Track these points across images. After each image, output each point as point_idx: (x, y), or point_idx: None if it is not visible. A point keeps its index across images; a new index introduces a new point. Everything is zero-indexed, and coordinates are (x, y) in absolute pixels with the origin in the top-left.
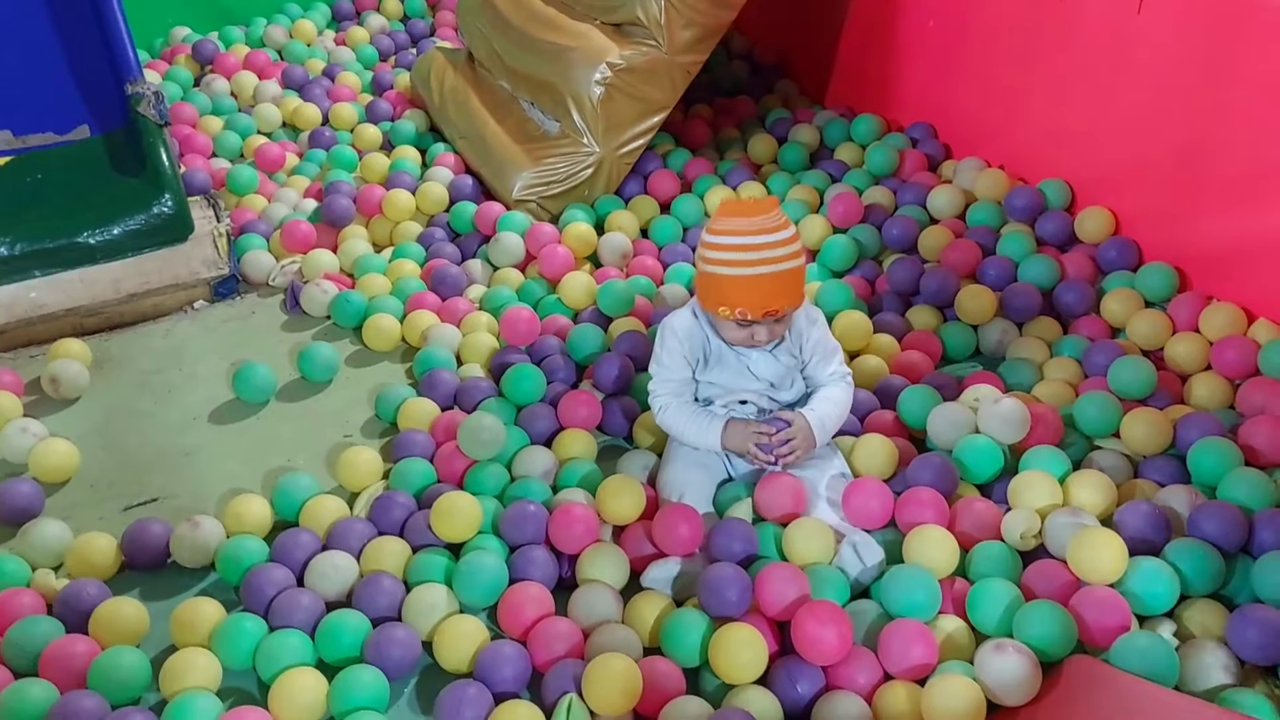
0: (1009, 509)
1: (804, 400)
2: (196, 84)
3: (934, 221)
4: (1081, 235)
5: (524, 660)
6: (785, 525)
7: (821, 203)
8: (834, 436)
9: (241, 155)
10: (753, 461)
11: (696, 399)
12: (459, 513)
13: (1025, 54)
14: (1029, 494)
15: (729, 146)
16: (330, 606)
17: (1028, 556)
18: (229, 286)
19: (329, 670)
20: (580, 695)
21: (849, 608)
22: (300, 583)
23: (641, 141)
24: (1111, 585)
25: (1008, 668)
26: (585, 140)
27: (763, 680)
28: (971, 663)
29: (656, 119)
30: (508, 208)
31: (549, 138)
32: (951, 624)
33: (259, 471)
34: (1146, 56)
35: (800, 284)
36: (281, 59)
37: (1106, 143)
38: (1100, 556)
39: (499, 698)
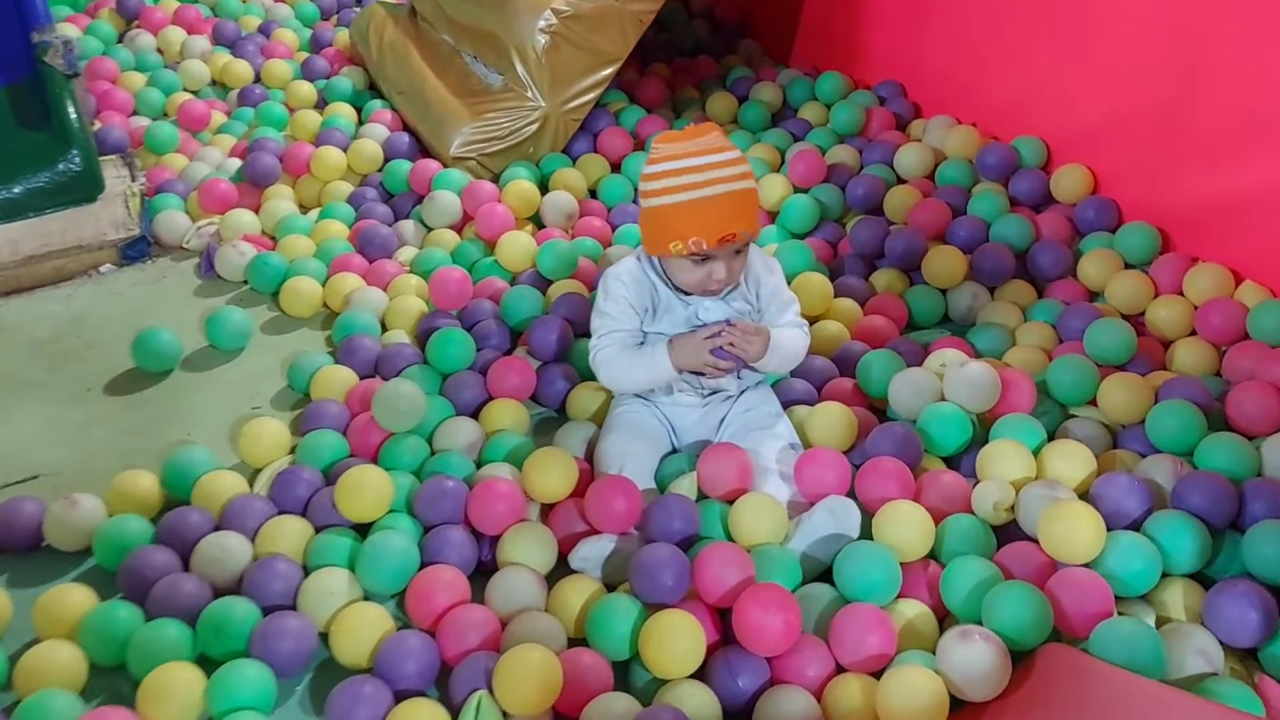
0: (977, 483)
1: None
2: (121, 40)
3: (901, 182)
4: (1057, 194)
5: (431, 653)
6: (732, 502)
7: (783, 162)
8: (787, 407)
9: (165, 114)
10: (713, 376)
11: None
12: (367, 489)
13: (998, 7)
14: (1000, 465)
15: (687, 106)
16: (219, 594)
17: (1001, 536)
18: (139, 249)
19: (213, 666)
20: (492, 692)
21: (800, 592)
22: (187, 568)
23: (590, 96)
24: (1087, 564)
25: (973, 658)
26: (529, 94)
27: (700, 674)
28: (934, 653)
29: (606, 72)
30: (446, 166)
31: (491, 92)
32: (913, 609)
33: (155, 446)
34: (1125, 5)
35: (755, 208)
36: (215, 15)
37: (1083, 97)
38: (1075, 533)
39: (401, 695)
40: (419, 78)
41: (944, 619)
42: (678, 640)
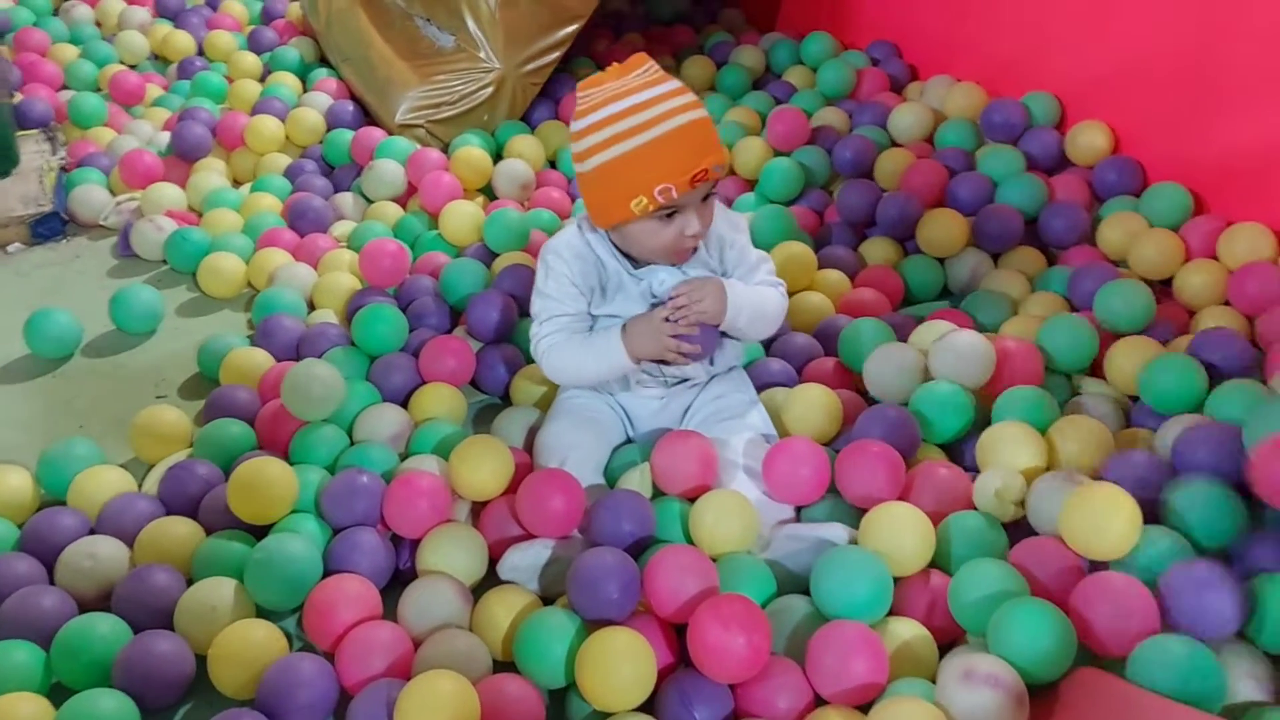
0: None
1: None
2: (57, 12)
3: (896, 145)
4: (1073, 156)
5: (326, 681)
6: (693, 500)
7: (764, 126)
8: (763, 390)
9: (98, 88)
10: (678, 361)
11: None
12: (265, 485)
13: None
14: (1004, 451)
15: None
16: (86, 610)
17: (1013, 534)
18: (51, 227)
19: (68, 696)
20: None
21: (771, 606)
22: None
23: (551, 58)
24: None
25: (977, 706)
26: (483, 54)
27: (649, 705)
28: (933, 681)
29: (568, 30)
30: (391, 135)
31: (442, 54)
32: (908, 629)
33: (42, 440)
34: None
35: (718, 138)
36: None
37: (1100, 46)
38: (1103, 521)
39: None
40: (365, 43)
41: (946, 642)
42: (622, 664)
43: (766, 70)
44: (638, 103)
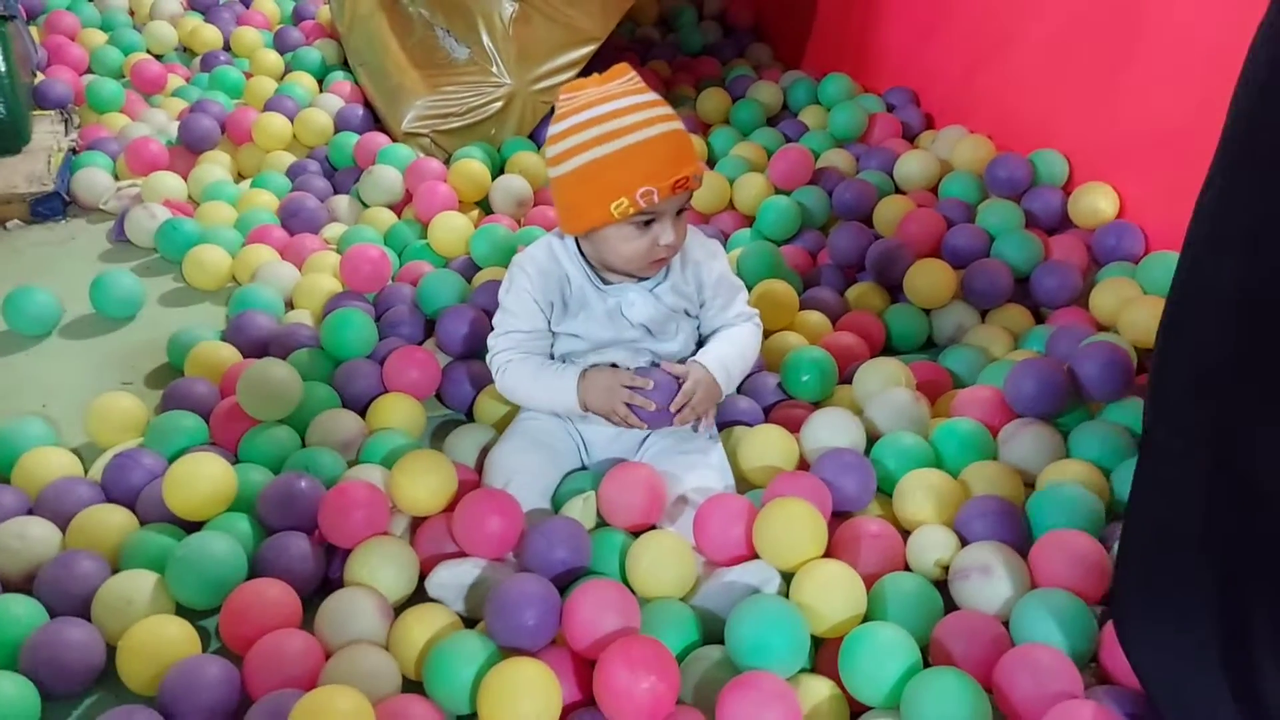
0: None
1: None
2: None
3: (900, 192)
4: (1076, 217)
5: (229, 686)
6: (637, 535)
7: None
8: (724, 426)
9: (121, 74)
10: (623, 426)
11: (552, 357)
12: (201, 481)
13: (1021, 10)
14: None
15: (680, 104)
16: (10, 590)
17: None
18: (51, 206)
19: None
20: None
21: (690, 655)
22: None
23: (563, 77)
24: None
25: None
26: (494, 69)
27: None
28: None
29: (582, 52)
30: (397, 142)
31: (454, 65)
32: (825, 688)
33: (4, 414)
34: (1164, 12)
35: (694, 149)
36: None
37: (1113, 110)
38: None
39: None
40: (381, 48)
41: (862, 710)
42: (524, 697)
43: (784, 108)
44: (621, 107)
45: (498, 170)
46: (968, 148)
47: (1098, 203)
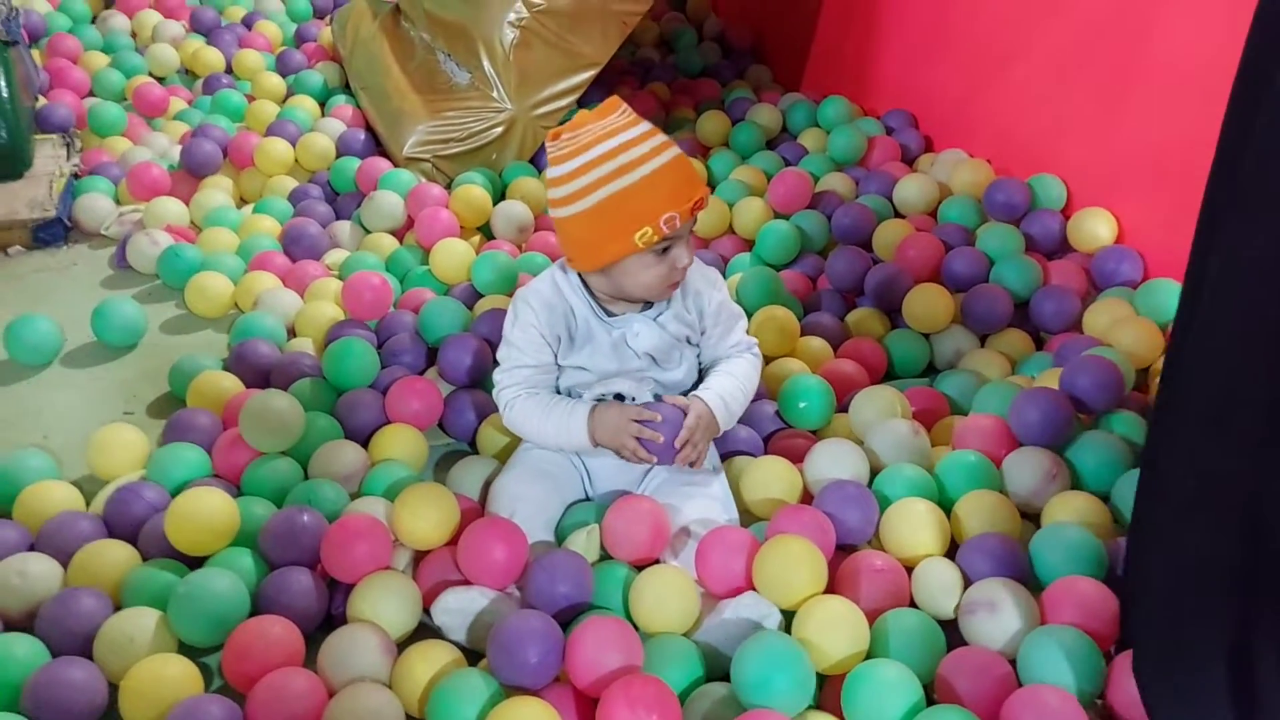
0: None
1: (697, 385)
2: (95, 20)
3: (900, 216)
4: (1075, 242)
5: None
6: (641, 569)
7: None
8: (726, 457)
9: (123, 97)
10: (632, 460)
11: (559, 391)
12: (203, 515)
13: (1021, 34)
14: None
15: (679, 127)
16: (12, 628)
17: (956, 635)
18: (53, 232)
19: None
20: None
21: (695, 692)
22: None
23: (564, 102)
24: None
25: None
26: (495, 94)
27: None
28: None
29: (583, 77)
30: (398, 167)
31: (456, 90)
32: None
33: (6, 446)
34: (1164, 38)
35: (696, 169)
36: (200, 3)
37: (1112, 135)
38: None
39: None
40: (383, 72)
41: None
42: None
43: (783, 130)
44: (628, 140)
45: (499, 195)
46: (967, 171)
47: (1097, 228)
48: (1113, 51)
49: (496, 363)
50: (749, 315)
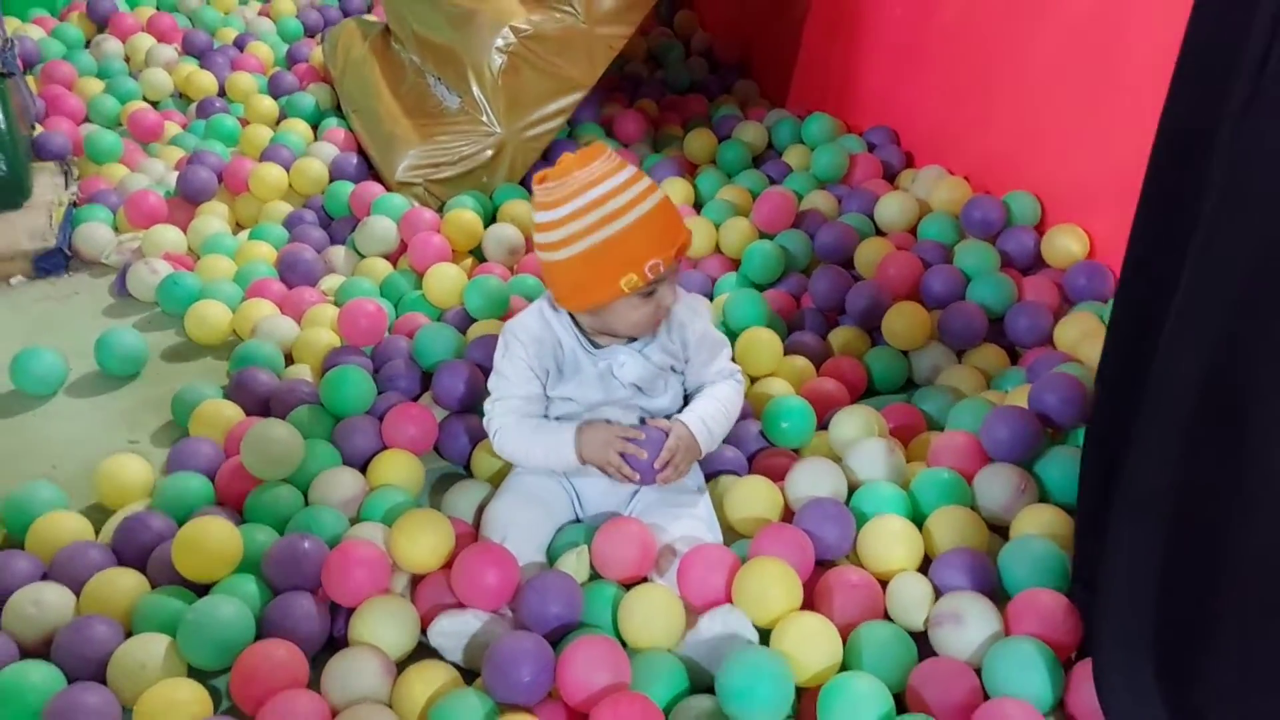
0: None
1: (682, 410)
2: (88, 45)
3: (880, 234)
4: (1049, 257)
5: None
6: (629, 588)
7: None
8: (712, 476)
9: (119, 123)
10: (617, 478)
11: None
12: (209, 544)
13: (996, 50)
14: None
15: (667, 144)
16: (29, 655)
17: (928, 647)
18: (54, 262)
19: None
20: None
21: (679, 706)
22: None
23: (553, 125)
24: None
25: None
26: (484, 118)
27: None
28: None
29: (570, 99)
30: (390, 191)
31: (446, 114)
32: None
33: (14, 478)
34: (1136, 57)
35: (678, 212)
36: (192, 25)
37: (1084, 151)
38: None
39: None
40: (374, 95)
41: None
42: None
43: (769, 146)
44: (613, 188)
45: (490, 218)
46: (945, 189)
47: (1069, 244)
48: (1086, 71)
49: (488, 390)
50: (735, 336)
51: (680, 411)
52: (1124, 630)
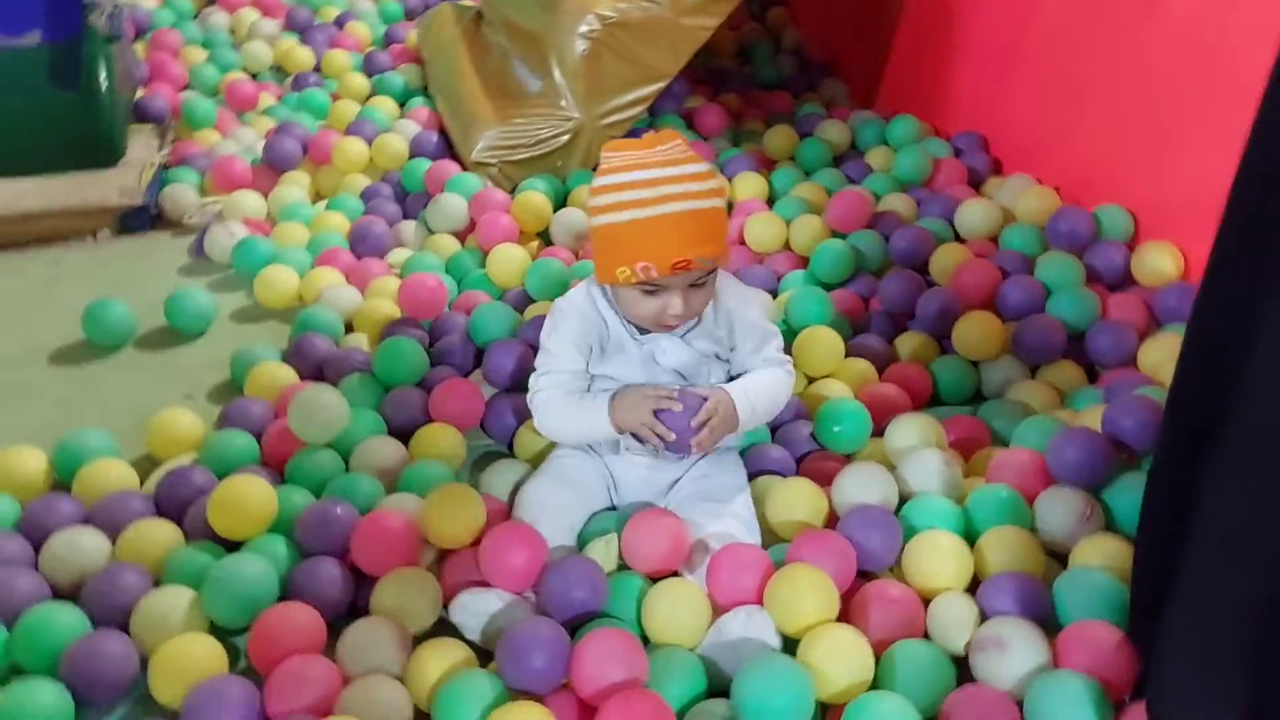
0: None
1: None
2: (197, 16)
3: (960, 241)
4: (1138, 275)
5: (249, 706)
6: (656, 582)
7: None
8: (755, 476)
9: (217, 91)
10: (653, 442)
11: None
12: (244, 503)
13: (1093, 56)
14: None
15: (748, 139)
16: (61, 597)
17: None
18: (139, 219)
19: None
20: None
21: (694, 708)
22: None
23: (631, 113)
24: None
25: None
26: (563, 102)
27: None
28: None
29: (652, 88)
30: (466, 170)
31: (526, 97)
32: None
33: (75, 423)
34: (1240, 66)
35: (721, 232)
36: (297, 3)
37: (1182, 167)
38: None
39: None
40: (459, 76)
41: None
42: None
43: (852, 147)
44: (649, 178)
45: (560, 202)
46: (1032, 199)
47: (1161, 261)
48: (1186, 81)
49: (535, 368)
50: (796, 334)
51: None
52: (1194, 672)
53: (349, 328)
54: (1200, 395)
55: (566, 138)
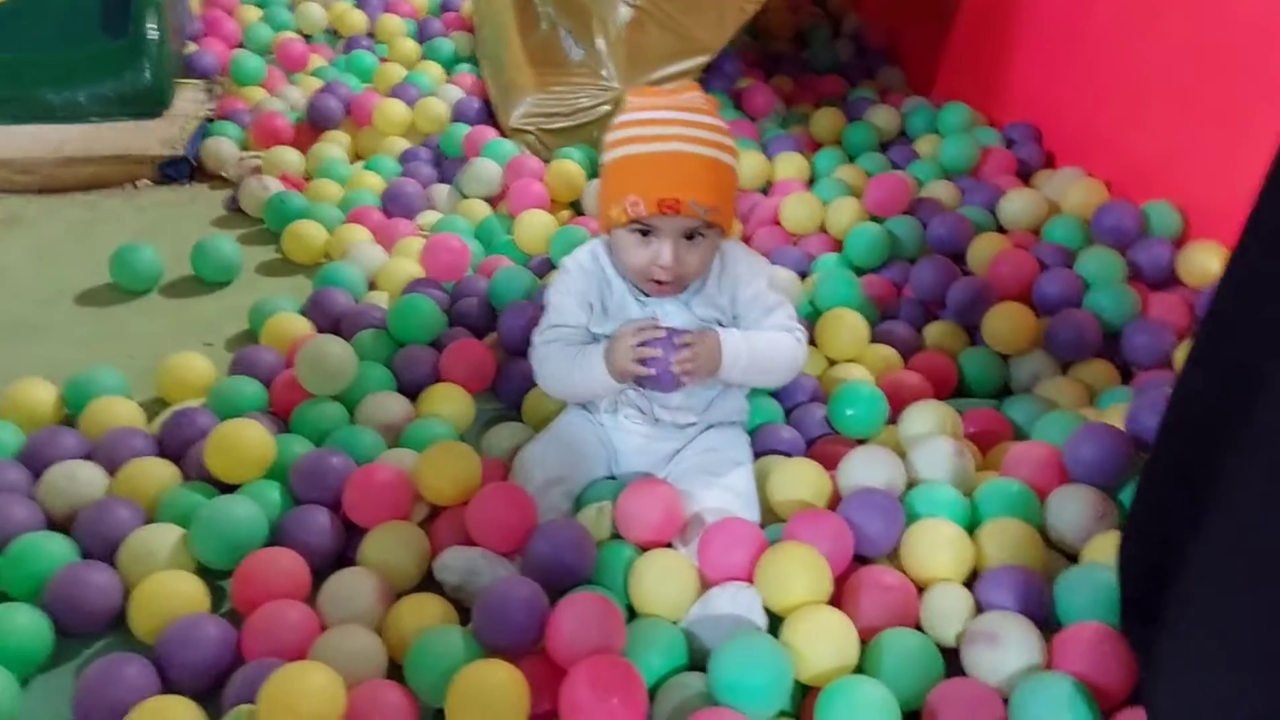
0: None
1: None
2: None
3: (1002, 231)
4: (1184, 275)
5: (224, 647)
6: (645, 551)
7: None
8: (762, 455)
9: (269, 50)
10: (639, 382)
11: None
12: (240, 446)
13: (1153, 52)
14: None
15: (797, 122)
16: (55, 527)
17: (956, 663)
18: (179, 170)
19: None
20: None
21: (670, 681)
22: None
23: (672, 86)
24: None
25: None
26: (604, 72)
27: None
28: None
29: (695, 62)
30: (504, 136)
31: (568, 65)
32: None
33: (92, 362)
34: None
35: (721, 185)
36: None
37: (1236, 165)
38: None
39: (174, 687)
40: (504, 43)
41: None
42: (492, 699)
43: (902, 134)
44: (654, 118)
45: (594, 173)
46: (1079, 191)
47: (1208, 261)
48: (1246, 81)
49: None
50: (819, 314)
51: None
52: (1195, 674)
53: (372, 285)
54: (1211, 393)
55: (606, 108)
